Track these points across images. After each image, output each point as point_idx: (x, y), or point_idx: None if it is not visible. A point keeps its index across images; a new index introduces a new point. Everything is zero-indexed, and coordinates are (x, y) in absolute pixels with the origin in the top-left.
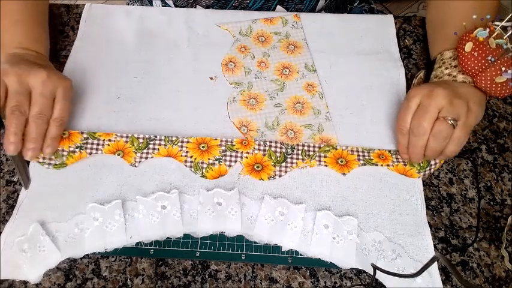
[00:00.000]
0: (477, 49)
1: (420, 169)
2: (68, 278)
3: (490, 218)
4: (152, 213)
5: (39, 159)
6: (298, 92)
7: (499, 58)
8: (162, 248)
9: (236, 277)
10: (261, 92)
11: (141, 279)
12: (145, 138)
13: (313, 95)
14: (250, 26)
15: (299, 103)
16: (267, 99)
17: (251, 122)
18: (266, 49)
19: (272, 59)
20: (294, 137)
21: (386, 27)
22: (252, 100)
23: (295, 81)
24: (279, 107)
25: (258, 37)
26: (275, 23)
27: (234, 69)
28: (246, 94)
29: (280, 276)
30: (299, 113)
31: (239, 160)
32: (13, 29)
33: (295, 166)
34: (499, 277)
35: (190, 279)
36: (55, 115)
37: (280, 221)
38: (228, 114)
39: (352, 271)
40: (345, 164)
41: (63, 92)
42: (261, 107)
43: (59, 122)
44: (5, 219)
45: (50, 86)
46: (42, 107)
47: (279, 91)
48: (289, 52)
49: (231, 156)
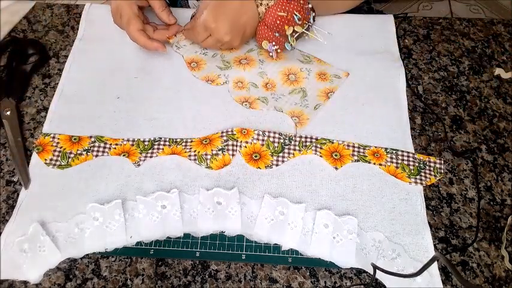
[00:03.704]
0: (278, 21)
1: (410, 174)
2: (68, 278)
3: (490, 218)
4: (152, 213)
5: (46, 160)
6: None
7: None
8: (162, 248)
9: (236, 277)
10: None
11: (141, 279)
12: (150, 140)
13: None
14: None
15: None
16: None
17: (251, 97)
18: (257, 68)
19: (272, 75)
20: (295, 80)
21: (386, 27)
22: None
23: (307, 80)
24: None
25: (240, 60)
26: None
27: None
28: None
29: (280, 276)
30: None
31: (238, 149)
32: None
33: (292, 157)
34: (499, 277)
35: (190, 279)
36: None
37: (280, 220)
38: (229, 94)
39: (352, 271)
40: (338, 159)
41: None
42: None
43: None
44: (5, 219)
45: None
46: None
47: (302, 98)
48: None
49: (233, 145)
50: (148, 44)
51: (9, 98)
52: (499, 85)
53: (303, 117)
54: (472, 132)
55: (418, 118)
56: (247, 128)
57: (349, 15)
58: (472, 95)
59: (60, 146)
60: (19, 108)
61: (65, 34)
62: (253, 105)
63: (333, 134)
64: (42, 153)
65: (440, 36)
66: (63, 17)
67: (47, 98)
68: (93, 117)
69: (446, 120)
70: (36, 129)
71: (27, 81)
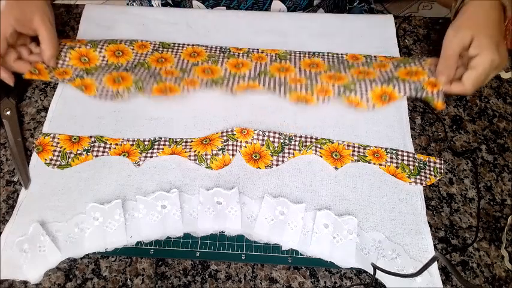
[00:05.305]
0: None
1: (411, 174)
2: (68, 278)
3: (490, 218)
4: (152, 213)
5: (46, 160)
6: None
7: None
8: (162, 248)
9: (236, 277)
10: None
11: (141, 279)
12: (150, 140)
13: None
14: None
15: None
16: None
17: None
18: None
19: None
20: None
21: (386, 27)
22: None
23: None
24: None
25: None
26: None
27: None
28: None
29: (280, 276)
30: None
31: (238, 149)
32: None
33: (292, 156)
34: (499, 277)
35: (190, 279)
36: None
37: (280, 220)
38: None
39: (352, 271)
40: (338, 158)
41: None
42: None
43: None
44: (5, 219)
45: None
46: None
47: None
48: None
49: (233, 145)
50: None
51: (9, 98)
52: (499, 85)
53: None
54: (472, 132)
55: (418, 118)
56: (247, 128)
57: (349, 15)
58: (472, 95)
59: (60, 146)
60: (19, 108)
61: (65, 34)
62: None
63: (333, 133)
64: (42, 153)
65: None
66: (63, 17)
67: (47, 98)
68: (93, 117)
69: (446, 120)
70: (36, 129)
71: (27, 81)
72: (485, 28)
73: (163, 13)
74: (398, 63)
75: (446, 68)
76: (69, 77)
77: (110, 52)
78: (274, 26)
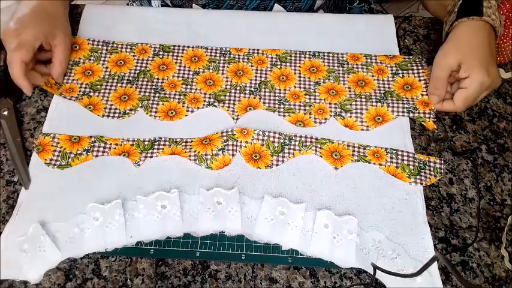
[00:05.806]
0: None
1: (410, 174)
2: (68, 278)
3: (490, 218)
4: (152, 213)
5: (46, 160)
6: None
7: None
8: (162, 248)
9: (236, 277)
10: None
11: (141, 279)
12: (150, 140)
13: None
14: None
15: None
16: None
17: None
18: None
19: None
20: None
21: (386, 27)
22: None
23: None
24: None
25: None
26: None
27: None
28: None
29: (280, 276)
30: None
31: (238, 149)
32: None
33: (292, 156)
34: (499, 277)
35: (190, 279)
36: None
37: (280, 220)
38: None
39: (352, 271)
40: (338, 158)
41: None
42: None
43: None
44: (5, 219)
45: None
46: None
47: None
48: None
49: (233, 145)
50: (20, 80)
51: (7, 98)
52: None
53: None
54: (472, 132)
55: None
56: (247, 128)
57: (348, 16)
58: None
59: (60, 146)
60: (18, 108)
61: None
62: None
63: (332, 133)
64: (42, 153)
65: (440, 36)
66: None
67: (47, 98)
68: (93, 117)
69: (446, 120)
70: (36, 129)
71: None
72: (474, 51)
73: (163, 13)
74: (397, 69)
75: (436, 90)
76: (76, 94)
77: (112, 63)
78: (274, 26)
